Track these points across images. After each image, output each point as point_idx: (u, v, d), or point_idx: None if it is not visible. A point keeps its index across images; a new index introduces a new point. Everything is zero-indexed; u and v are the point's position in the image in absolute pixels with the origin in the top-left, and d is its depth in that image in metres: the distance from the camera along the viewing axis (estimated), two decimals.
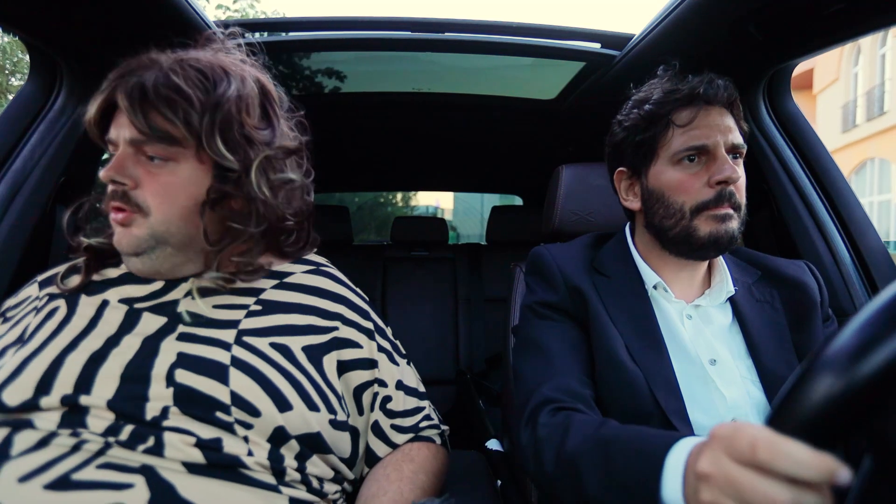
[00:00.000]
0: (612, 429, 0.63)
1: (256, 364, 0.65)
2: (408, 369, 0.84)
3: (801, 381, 0.36)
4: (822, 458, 0.35)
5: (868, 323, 0.34)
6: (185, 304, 0.68)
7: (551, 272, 0.87)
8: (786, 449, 0.36)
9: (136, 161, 0.67)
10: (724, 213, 0.77)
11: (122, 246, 0.68)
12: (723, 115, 0.79)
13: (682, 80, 0.81)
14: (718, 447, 0.42)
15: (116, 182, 0.67)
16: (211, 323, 0.67)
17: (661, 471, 0.51)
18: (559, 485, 0.65)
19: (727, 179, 0.76)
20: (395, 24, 1.34)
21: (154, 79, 0.64)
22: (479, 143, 2.39)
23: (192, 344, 0.64)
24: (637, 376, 0.76)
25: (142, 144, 0.67)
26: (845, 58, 12.88)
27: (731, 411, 0.75)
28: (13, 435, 0.57)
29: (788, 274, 0.87)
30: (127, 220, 0.67)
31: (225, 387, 0.61)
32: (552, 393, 0.74)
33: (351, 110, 1.87)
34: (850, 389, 0.33)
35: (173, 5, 0.99)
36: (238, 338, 0.66)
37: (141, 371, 0.61)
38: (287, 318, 0.71)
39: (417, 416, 0.82)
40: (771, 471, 0.37)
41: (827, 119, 13.47)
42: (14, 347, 0.64)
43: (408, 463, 0.76)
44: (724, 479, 0.41)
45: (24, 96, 1.04)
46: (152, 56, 0.68)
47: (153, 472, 0.56)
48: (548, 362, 0.79)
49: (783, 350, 0.79)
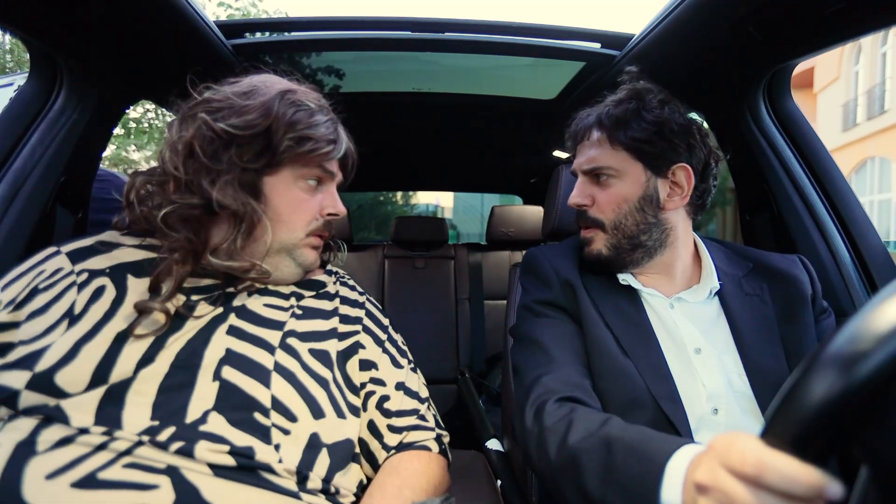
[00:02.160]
0: (615, 427, 0.63)
1: (295, 371, 0.67)
2: (412, 375, 0.84)
3: (792, 393, 0.35)
4: (812, 473, 0.35)
5: (860, 328, 0.33)
6: (241, 298, 0.72)
7: (545, 270, 0.90)
8: (775, 463, 0.36)
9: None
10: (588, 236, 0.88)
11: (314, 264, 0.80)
12: (589, 148, 0.88)
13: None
14: (715, 458, 0.43)
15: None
16: (260, 321, 0.70)
17: (662, 476, 0.52)
18: (560, 476, 0.65)
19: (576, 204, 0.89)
20: (395, 23, 1.34)
21: None
22: (479, 143, 2.39)
23: (240, 341, 0.67)
24: (628, 367, 0.78)
25: None
26: (846, 56, 12.88)
27: (711, 401, 0.77)
28: (40, 428, 0.57)
29: (780, 267, 0.89)
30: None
31: (267, 390, 0.64)
32: (554, 383, 0.75)
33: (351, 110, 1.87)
34: (842, 397, 0.32)
35: (173, 5, 0.98)
36: (282, 340, 0.69)
37: (192, 360, 0.63)
38: (324, 323, 0.75)
39: (413, 417, 0.80)
40: (760, 485, 0.38)
41: (827, 117, 13.45)
42: (62, 324, 0.63)
43: (392, 478, 0.72)
44: (720, 491, 0.41)
45: (24, 96, 1.04)
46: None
47: (178, 473, 0.56)
48: (547, 356, 0.81)
49: (770, 343, 0.81)
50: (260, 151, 0.71)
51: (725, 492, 0.40)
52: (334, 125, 0.79)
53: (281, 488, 0.60)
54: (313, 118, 0.74)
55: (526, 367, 0.82)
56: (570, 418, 0.68)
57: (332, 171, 0.80)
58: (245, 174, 0.71)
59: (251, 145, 0.71)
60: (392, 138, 2.30)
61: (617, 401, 0.77)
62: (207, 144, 0.69)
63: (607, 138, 0.84)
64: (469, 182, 3.40)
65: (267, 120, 0.70)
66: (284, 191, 0.74)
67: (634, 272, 0.88)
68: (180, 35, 1.07)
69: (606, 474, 0.59)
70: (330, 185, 0.81)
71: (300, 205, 0.76)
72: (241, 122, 0.70)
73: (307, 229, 0.77)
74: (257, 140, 0.71)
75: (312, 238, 0.78)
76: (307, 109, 0.74)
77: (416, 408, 0.81)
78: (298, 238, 0.76)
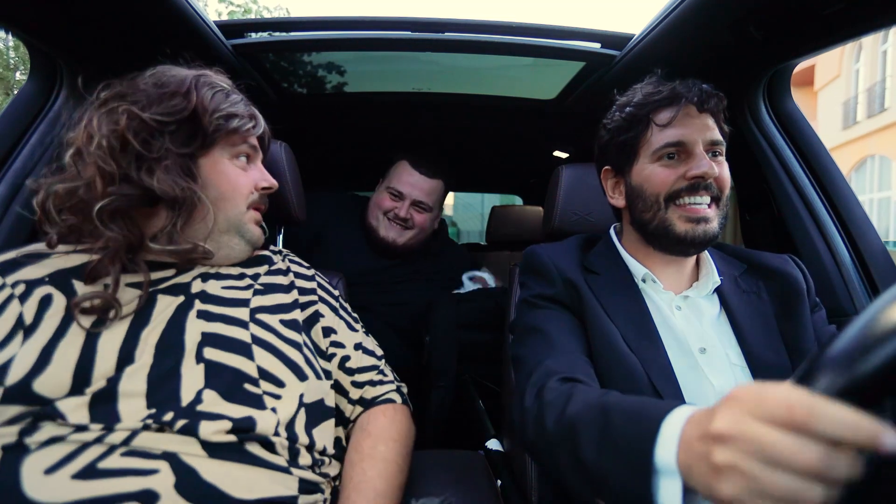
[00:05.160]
0: (614, 396, 0.62)
1: (272, 341, 0.72)
2: (367, 338, 0.92)
3: (844, 339, 0.34)
4: (866, 419, 0.34)
5: None
6: (197, 285, 0.74)
7: (546, 268, 0.89)
8: (827, 409, 0.35)
9: None
10: (699, 215, 0.80)
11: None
12: (702, 115, 0.83)
13: (664, 84, 0.85)
14: (740, 407, 0.40)
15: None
16: (224, 301, 0.73)
17: (657, 435, 0.49)
18: (556, 446, 0.64)
19: (703, 175, 0.79)
20: (395, 23, 1.34)
21: None
22: (479, 143, 2.39)
23: (213, 323, 0.70)
24: (635, 365, 0.78)
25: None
26: (847, 54, 12.92)
27: (719, 399, 0.75)
28: (28, 431, 0.58)
29: (773, 266, 0.90)
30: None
31: (251, 362, 0.68)
32: (558, 365, 0.75)
33: (351, 110, 1.87)
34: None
35: (173, 5, 0.98)
36: (252, 315, 0.73)
37: (172, 349, 0.66)
38: (285, 296, 0.80)
39: (373, 372, 0.87)
40: (807, 431, 0.36)
41: (828, 116, 13.48)
42: (17, 336, 0.62)
43: (365, 438, 0.78)
44: (748, 440, 0.38)
45: (24, 96, 1.04)
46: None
47: (176, 457, 0.59)
48: (549, 343, 0.80)
49: (770, 338, 0.82)
50: (191, 135, 0.73)
51: (756, 439, 0.38)
52: (247, 104, 0.82)
53: (273, 465, 0.63)
54: (230, 97, 0.78)
55: (528, 354, 0.81)
56: (570, 393, 0.66)
57: (256, 146, 0.84)
58: (181, 159, 0.72)
59: (181, 130, 0.72)
60: (392, 138, 2.30)
61: None
62: (137, 135, 0.70)
63: (713, 114, 0.84)
64: (469, 182, 3.40)
65: (191, 103, 0.73)
66: (222, 169, 0.77)
67: (658, 266, 0.88)
68: (180, 35, 1.07)
69: (602, 440, 0.56)
70: (257, 161, 0.85)
71: (238, 179, 0.79)
72: (167, 109, 0.71)
73: (247, 202, 0.80)
74: (185, 124, 0.73)
75: (253, 212, 0.82)
76: (223, 90, 0.78)
77: (375, 364, 0.88)
78: (242, 212, 0.80)
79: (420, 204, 1.63)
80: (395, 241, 1.62)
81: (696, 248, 0.84)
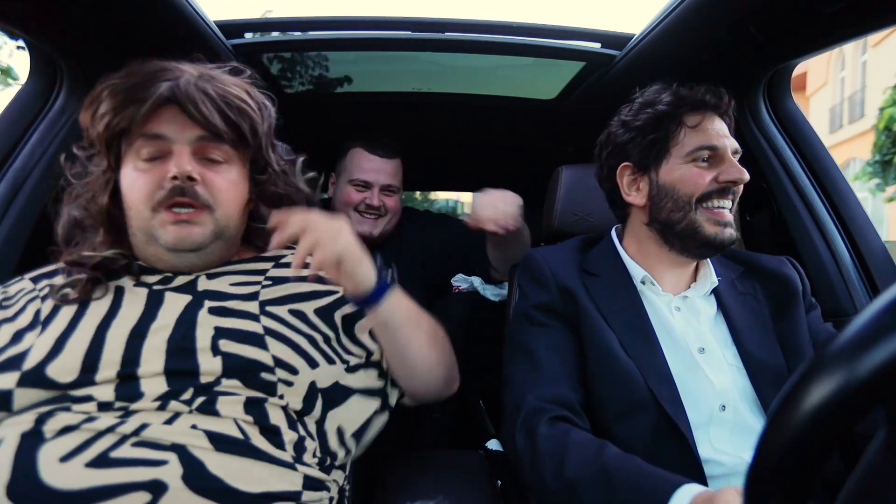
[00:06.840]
0: (612, 458, 0.65)
1: (283, 331, 0.73)
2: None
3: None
4: None
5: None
6: (203, 283, 0.76)
7: (543, 273, 0.90)
8: None
9: (194, 160, 0.73)
10: (725, 219, 0.82)
11: (186, 244, 0.73)
12: (721, 122, 0.85)
13: (686, 88, 0.86)
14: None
15: (190, 178, 0.71)
16: (234, 297, 0.74)
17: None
18: (558, 502, 0.68)
19: (736, 180, 0.81)
20: (395, 23, 1.34)
21: (213, 86, 0.72)
22: (479, 143, 2.39)
23: (224, 318, 0.71)
24: (631, 369, 0.79)
25: (206, 143, 0.73)
26: (833, 63, 13.60)
27: (719, 397, 0.78)
28: (43, 419, 0.60)
29: (770, 267, 0.92)
30: (194, 217, 0.72)
31: (266, 352, 0.69)
32: (540, 402, 0.77)
33: (351, 110, 1.87)
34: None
35: (172, 5, 0.98)
36: (262, 308, 0.74)
37: (185, 344, 0.67)
38: (294, 287, 0.79)
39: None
40: None
41: (817, 120, 14.14)
42: (34, 330, 0.68)
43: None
44: None
45: (24, 96, 1.04)
46: (179, 66, 0.74)
47: (184, 449, 0.60)
48: (537, 369, 0.82)
49: (766, 339, 0.83)
50: (108, 151, 0.75)
51: None
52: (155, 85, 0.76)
53: (279, 460, 0.64)
54: (129, 89, 0.72)
55: (515, 379, 0.84)
56: (563, 443, 0.70)
57: (160, 134, 0.72)
58: (103, 177, 0.77)
59: (102, 149, 0.76)
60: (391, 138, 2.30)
61: (618, 405, 0.78)
62: (73, 165, 0.79)
63: (729, 123, 0.88)
64: (468, 182, 3.39)
65: (87, 120, 0.74)
66: (125, 177, 0.75)
67: (661, 268, 0.89)
68: (180, 35, 1.07)
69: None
70: (176, 147, 0.72)
71: (133, 184, 0.73)
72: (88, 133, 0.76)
73: (151, 204, 0.72)
74: (102, 142, 0.75)
75: (165, 213, 0.72)
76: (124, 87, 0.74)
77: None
78: (147, 217, 0.73)
79: (388, 188, 1.54)
80: (370, 233, 1.52)
81: (718, 252, 0.86)
